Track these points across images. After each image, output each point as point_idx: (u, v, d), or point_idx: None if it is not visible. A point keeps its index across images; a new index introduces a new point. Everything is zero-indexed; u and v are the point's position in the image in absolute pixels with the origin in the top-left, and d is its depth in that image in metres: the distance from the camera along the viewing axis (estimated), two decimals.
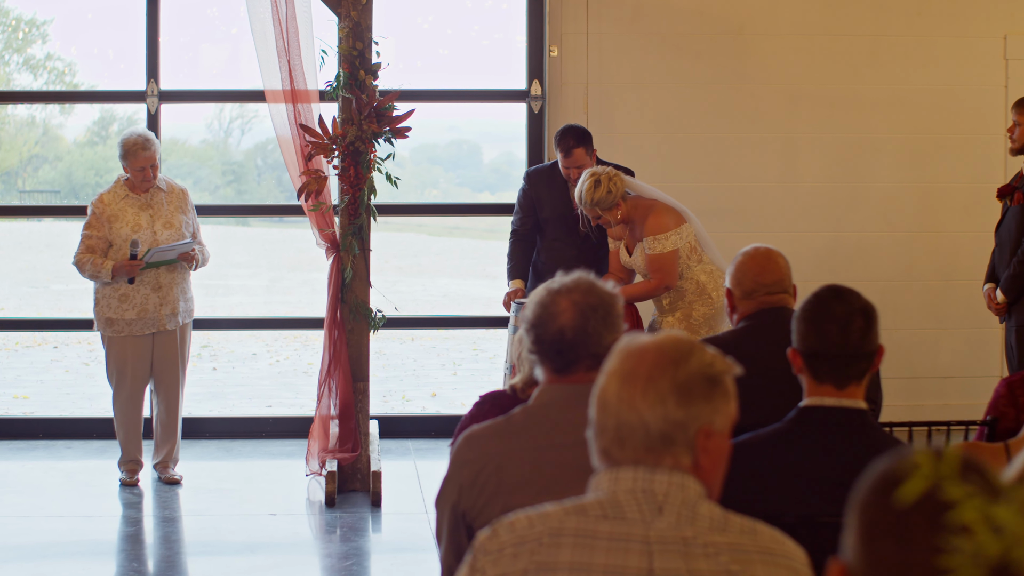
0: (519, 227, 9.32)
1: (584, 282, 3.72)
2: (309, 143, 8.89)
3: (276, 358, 16.67)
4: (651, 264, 8.33)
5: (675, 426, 2.69)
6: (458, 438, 4.67)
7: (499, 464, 3.65)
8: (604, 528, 2.67)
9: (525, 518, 2.75)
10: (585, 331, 3.66)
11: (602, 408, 2.74)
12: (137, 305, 8.79)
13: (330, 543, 7.70)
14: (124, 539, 7.82)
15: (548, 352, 3.69)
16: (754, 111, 10.40)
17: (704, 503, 2.72)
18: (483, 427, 3.75)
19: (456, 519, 3.73)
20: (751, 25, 10.36)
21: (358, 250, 8.93)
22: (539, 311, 3.70)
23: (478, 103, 11.35)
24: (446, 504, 3.75)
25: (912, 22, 10.41)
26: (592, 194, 8.32)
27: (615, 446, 2.72)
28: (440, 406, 13.39)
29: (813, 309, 3.87)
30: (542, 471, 3.63)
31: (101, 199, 8.86)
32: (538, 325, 3.68)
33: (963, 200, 10.47)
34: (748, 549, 2.67)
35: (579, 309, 3.67)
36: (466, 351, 17.59)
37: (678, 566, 2.64)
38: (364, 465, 8.83)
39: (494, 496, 3.64)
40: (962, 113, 10.46)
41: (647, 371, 2.71)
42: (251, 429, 10.37)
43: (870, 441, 3.81)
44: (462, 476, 3.70)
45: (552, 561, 2.66)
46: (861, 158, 10.47)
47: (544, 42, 10.32)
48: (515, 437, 3.67)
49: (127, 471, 8.95)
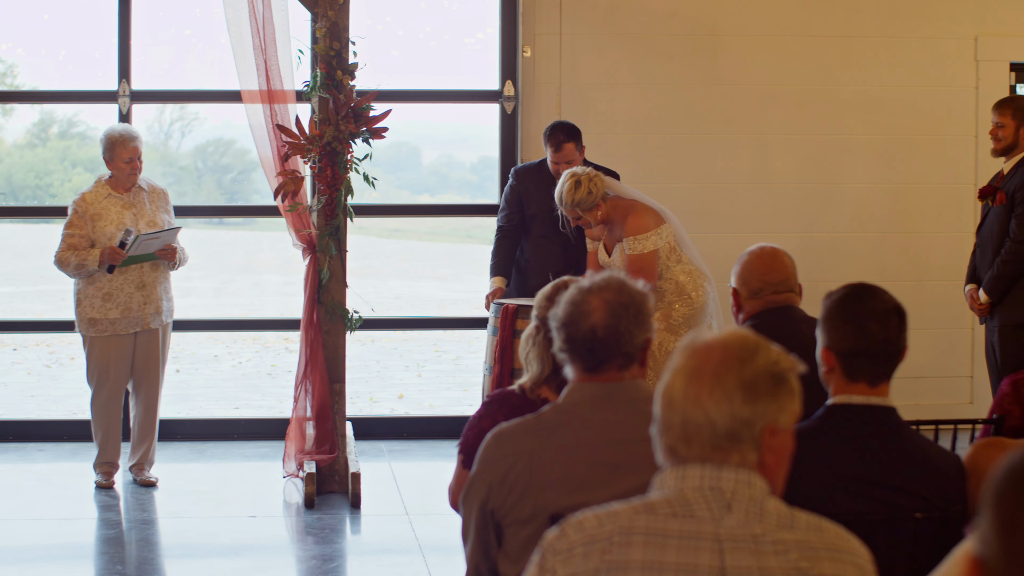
0: (505, 223, 9.34)
1: (615, 281, 3.71)
2: (286, 143, 8.84)
3: (238, 360, 16.58)
4: (631, 264, 8.33)
5: (741, 423, 2.68)
6: (467, 436, 4.66)
7: (530, 462, 3.63)
8: (674, 526, 2.66)
9: (594, 517, 2.72)
10: (617, 330, 3.64)
11: (668, 405, 2.72)
12: (121, 304, 8.72)
13: (313, 545, 7.65)
14: (105, 542, 7.74)
15: (580, 351, 3.67)
16: (726, 112, 10.41)
17: (771, 500, 2.71)
18: (512, 425, 3.73)
19: (484, 517, 3.70)
20: (723, 26, 10.37)
21: (335, 251, 8.88)
22: (571, 310, 3.68)
23: (450, 103, 11.32)
24: (474, 502, 3.73)
25: (883, 24, 10.44)
26: (573, 195, 8.33)
27: (681, 443, 2.71)
28: (408, 407, 13.34)
29: (851, 307, 3.85)
30: (573, 469, 3.61)
31: (83, 198, 8.78)
32: (569, 324, 3.66)
33: (934, 200, 10.52)
34: (816, 546, 2.67)
35: (611, 308, 3.65)
36: (428, 352, 17.55)
37: (749, 564, 2.63)
38: (342, 467, 8.78)
39: (525, 494, 3.62)
40: (933, 114, 10.50)
41: (713, 368, 2.70)
42: (223, 431, 10.31)
43: (901, 439, 3.80)
44: (492, 474, 3.67)
45: (624, 560, 2.64)
46: (833, 159, 10.50)
47: (517, 43, 10.30)
48: (546, 435, 3.66)
49: (103, 473, 8.87)
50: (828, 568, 2.65)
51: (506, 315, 8.48)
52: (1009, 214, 8.39)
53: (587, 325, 3.65)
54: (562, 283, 4.68)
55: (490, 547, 3.72)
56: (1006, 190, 8.43)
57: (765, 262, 5.02)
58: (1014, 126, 8.44)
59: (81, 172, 29.28)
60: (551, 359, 4.61)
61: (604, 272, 3.79)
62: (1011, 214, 8.39)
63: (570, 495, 3.59)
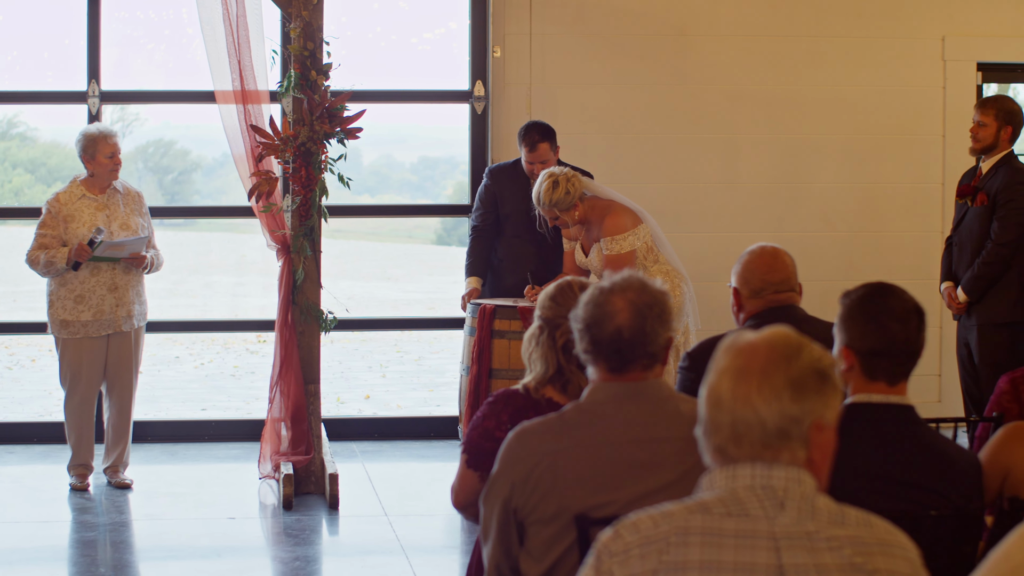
0: (480, 223, 9.33)
1: (636, 280, 3.71)
2: (260, 144, 8.81)
3: (199, 361, 16.52)
4: (608, 264, 8.36)
5: (791, 421, 2.69)
6: (471, 435, 4.65)
7: (553, 461, 3.63)
8: (730, 525, 2.67)
9: (648, 518, 2.73)
10: (643, 330, 3.65)
11: (715, 406, 2.73)
12: (93, 306, 8.67)
13: (294, 546, 7.62)
14: (85, 544, 7.69)
15: (605, 352, 3.67)
16: (696, 112, 10.44)
17: (820, 497, 2.73)
18: (534, 424, 3.73)
19: (507, 516, 3.70)
20: (693, 26, 10.40)
21: (310, 251, 8.86)
22: (594, 311, 3.68)
23: (421, 103, 11.32)
24: (496, 501, 3.73)
25: (851, 24, 10.50)
26: (551, 195, 8.34)
27: (731, 443, 2.72)
28: (376, 408, 13.31)
29: (871, 307, 3.87)
30: (598, 468, 3.62)
31: (57, 198, 8.74)
32: (594, 325, 3.66)
33: (903, 200, 10.58)
34: (868, 541, 2.69)
35: (636, 308, 3.66)
36: (389, 353, 17.52)
37: (805, 561, 2.64)
38: (318, 468, 8.76)
39: (548, 493, 3.62)
40: (901, 114, 10.56)
41: (761, 367, 2.71)
42: (193, 433, 10.27)
43: (919, 437, 3.83)
44: (515, 473, 3.67)
45: (682, 561, 2.65)
46: (801, 158, 10.54)
47: (487, 43, 10.30)
48: (570, 434, 3.66)
49: (77, 475, 8.82)
50: (881, 563, 2.67)
51: (483, 316, 8.48)
52: (990, 215, 8.44)
53: (612, 326, 3.65)
54: (567, 284, 4.69)
55: (511, 546, 3.72)
56: (987, 191, 8.48)
57: (766, 261, 5.04)
58: (996, 127, 8.50)
59: (22, 173, 29.03)
60: (555, 359, 4.61)
61: (623, 272, 3.79)
62: (992, 215, 8.43)
63: (595, 494, 3.60)
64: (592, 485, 3.60)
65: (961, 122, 10.50)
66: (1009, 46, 10.57)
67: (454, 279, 25.23)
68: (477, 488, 4.69)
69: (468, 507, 4.77)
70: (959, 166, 10.47)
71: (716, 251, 10.16)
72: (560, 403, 4.60)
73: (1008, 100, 8.69)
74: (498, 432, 4.60)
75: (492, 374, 8.43)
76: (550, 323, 4.64)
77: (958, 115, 10.52)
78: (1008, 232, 8.37)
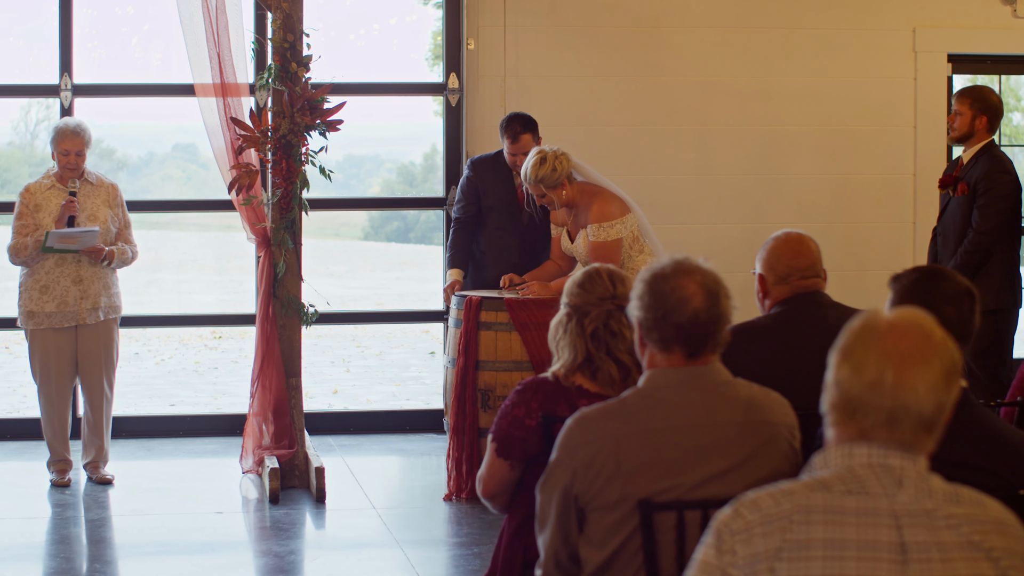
0: (462, 215, 9.27)
1: (692, 263, 3.70)
2: (240, 136, 8.76)
3: (160, 357, 16.43)
4: (595, 251, 8.36)
5: (940, 410, 2.71)
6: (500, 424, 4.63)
7: (616, 446, 3.61)
8: (851, 503, 2.67)
9: (768, 496, 2.72)
10: (718, 312, 3.65)
11: (874, 389, 2.70)
12: (57, 297, 8.61)
13: (288, 540, 7.58)
14: (69, 540, 7.62)
15: (682, 336, 3.65)
16: (670, 103, 10.46)
17: (934, 476, 2.73)
18: (594, 410, 3.71)
19: (567, 503, 3.68)
20: (666, 18, 10.41)
21: (291, 244, 8.81)
22: (668, 296, 3.65)
23: (397, 96, 11.28)
24: (555, 488, 3.71)
25: (823, 15, 10.54)
26: (537, 170, 8.35)
27: (883, 428, 2.71)
28: (346, 402, 13.25)
29: (925, 290, 3.88)
30: (662, 454, 3.60)
31: (28, 189, 8.74)
32: (672, 311, 3.64)
33: (876, 191, 10.63)
34: (983, 520, 2.70)
35: (709, 291, 3.66)
36: (349, 348, 17.48)
37: (926, 538, 2.65)
38: (301, 461, 8.71)
39: (611, 479, 3.61)
40: (873, 105, 10.61)
41: (923, 355, 2.71)
42: (167, 428, 10.20)
43: (973, 418, 3.83)
44: (576, 459, 3.65)
45: (806, 539, 2.64)
46: (775, 150, 10.57)
47: (461, 35, 10.28)
48: (631, 419, 3.64)
49: (57, 471, 8.74)
50: (997, 541, 2.68)
51: (470, 307, 8.45)
52: (971, 204, 8.50)
53: (690, 310, 3.63)
54: (594, 271, 4.68)
55: (571, 533, 3.70)
56: (967, 180, 8.53)
57: (792, 247, 5.04)
58: (970, 115, 8.56)
59: None
60: (584, 346, 4.60)
61: (672, 254, 3.78)
62: (973, 204, 8.49)
63: (659, 479, 3.59)
64: (656, 470, 3.59)
65: (932, 113, 10.58)
66: (979, 37, 10.64)
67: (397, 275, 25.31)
68: (507, 477, 4.68)
69: (497, 496, 4.76)
70: (931, 157, 10.56)
71: (690, 242, 10.17)
72: (590, 390, 4.60)
73: (985, 90, 8.75)
74: (528, 420, 4.60)
75: (479, 366, 8.41)
76: (578, 310, 4.63)
77: (929, 106, 10.60)
78: (988, 220, 8.43)
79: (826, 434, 2.79)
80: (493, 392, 8.38)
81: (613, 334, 4.57)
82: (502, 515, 4.91)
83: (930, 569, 2.63)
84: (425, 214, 30.00)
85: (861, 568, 2.62)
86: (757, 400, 3.74)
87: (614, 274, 4.68)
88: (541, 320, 8.36)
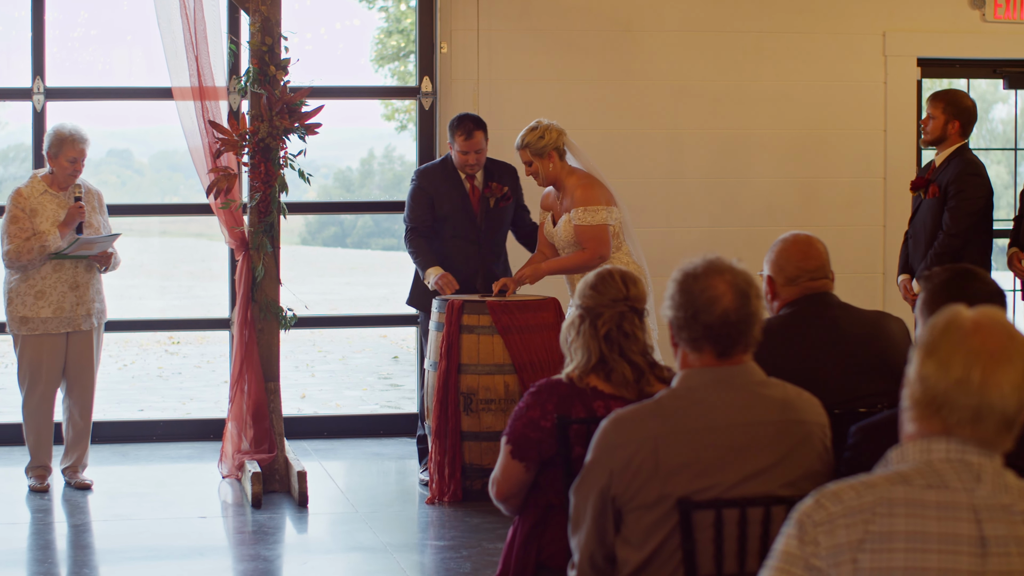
0: (418, 224, 8.99)
1: (723, 262, 3.73)
2: (218, 139, 8.73)
3: (121, 363, 16.35)
4: (582, 235, 8.40)
5: (1021, 410, 2.75)
6: (515, 426, 4.64)
7: (654, 447, 3.63)
8: (931, 497, 2.70)
9: (849, 488, 2.75)
10: (748, 311, 3.68)
11: (961, 386, 2.73)
12: (54, 303, 8.56)
13: (275, 544, 7.56)
14: (51, 546, 7.58)
15: (713, 336, 3.68)
16: (641, 107, 10.49)
17: (1008, 472, 2.77)
18: (631, 411, 3.73)
19: (604, 503, 3.70)
20: (638, 22, 10.45)
21: (270, 248, 8.79)
22: (697, 296, 3.67)
23: (372, 99, 11.27)
24: (591, 489, 3.72)
25: (794, 19, 10.60)
26: (526, 135, 8.51)
27: (967, 425, 2.74)
28: (315, 407, 13.21)
29: (958, 290, 3.91)
30: (700, 453, 3.62)
31: (20, 193, 8.63)
32: (702, 310, 3.66)
33: (844, 194, 10.70)
34: None
35: (739, 291, 3.68)
36: (311, 352, 17.43)
37: (1005, 533, 2.69)
38: (281, 466, 8.69)
39: (650, 480, 3.62)
40: (843, 109, 10.69)
41: (1007, 354, 2.74)
42: (141, 433, 10.17)
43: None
44: (613, 460, 3.67)
45: (888, 532, 2.68)
46: (745, 153, 10.63)
47: (435, 39, 10.28)
48: (669, 420, 3.66)
49: (36, 477, 8.69)
50: None
51: (452, 311, 8.45)
52: (942, 207, 8.56)
53: (719, 309, 3.66)
54: (607, 272, 4.71)
55: (607, 534, 3.72)
56: (939, 183, 8.59)
57: (801, 249, 5.07)
58: (943, 119, 8.61)
59: None
60: (597, 347, 4.63)
61: (703, 254, 3.80)
62: (944, 207, 8.55)
63: (697, 478, 3.61)
64: (695, 470, 3.61)
65: (902, 117, 10.67)
66: (948, 41, 10.72)
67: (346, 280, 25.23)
68: (523, 479, 4.69)
69: (511, 498, 4.77)
70: (901, 160, 10.64)
71: (661, 245, 10.20)
72: (604, 392, 4.62)
73: (959, 94, 8.81)
74: (543, 422, 4.61)
75: (461, 369, 8.41)
76: (591, 312, 4.65)
77: (899, 110, 10.68)
78: (959, 223, 8.49)
79: (905, 428, 2.82)
80: (475, 395, 8.39)
81: (626, 335, 4.60)
82: (512, 517, 4.92)
83: (1008, 562, 2.67)
84: (363, 219, 29.97)
85: (943, 561, 2.66)
86: (791, 400, 3.77)
87: (627, 276, 4.70)
88: (523, 323, 8.38)
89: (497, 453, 8.32)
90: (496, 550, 7.28)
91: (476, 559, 7.17)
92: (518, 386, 8.36)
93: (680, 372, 3.75)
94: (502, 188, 9.00)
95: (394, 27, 17.20)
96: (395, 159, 29.19)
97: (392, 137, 25.23)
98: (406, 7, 15.02)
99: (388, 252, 27.80)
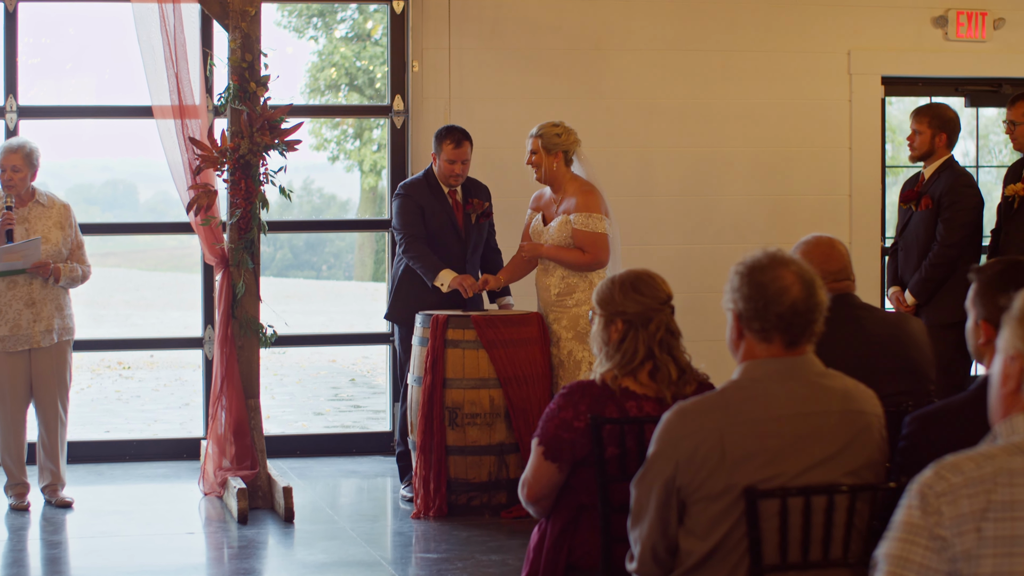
0: (416, 230, 8.99)
1: (789, 255, 3.80)
2: (198, 156, 8.73)
3: (78, 387, 16.21)
4: (583, 239, 8.49)
5: None
6: (547, 427, 4.68)
7: (720, 438, 3.68)
8: None
9: (968, 459, 2.80)
10: (815, 302, 3.75)
11: None
12: (10, 321, 8.53)
13: (265, 559, 7.56)
14: (52, 561, 7.53)
15: (781, 326, 3.74)
16: (610, 125, 10.57)
17: None
18: (695, 403, 3.78)
19: (668, 495, 3.74)
20: (607, 41, 10.54)
21: (251, 264, 8.79)
22: (767, 287, 3.73)
23: (348, 117, 11.29)
24: (655, 481, 3.76)
25: (761, 38, 10.72)
26: (547, 126, 8.70)
27: None
28: (282, 427, 13.17)
29: (1009, 281, 3.97)
30: (766, 443, 3.68)
31: None
32: (772, 301, 3.73)
33: (811, 211, 10.81)
34: None
35: (805, 281, 3.75)
36: (267, 376, 17.36)
37: None
38: (264, 482, 8.67)
39: (716, 470, 3.67)
40: (809, 127, 10.81)
41: None
42: (114, 452, 10.14)
43: None
44: (679, 451, 3.71)
45: (1010, 500, 2.73)
46: (713, 171, 10.72)
47: (406, 58, 10.32)
48: (733, 411, 3.72)
49: (15, 495, 8.65)
50: None
51: (436, 326, 8.48)
52: (935, 218, 8.67)
53: (789, 299, 3.73)
54: (645, 274, 4.78)
55: (669, 525, 3.76)
56: (931, 195, 8.70)
57: (823, 251, 5.15)
58: (930, 134, 8.73)
59: None
60: (647, 350, 4.72)
61: (762, 247, 3.86)
62: (937, 218, 8.67)
63: (763, 468, 3.66)
64: (760, 459, 3.67)
65: (867, 134, 10.80)
66: (911, 60, 10.87)
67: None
68: (555, 480, 4.73)
69: (542, 500, 4.80)
70: (865, 178, 10.78)
71: (634, 263, 10.14)
72: (636, 392, 4.68)
73: (942, 107, 8.93)
74: (576, 422, 4.65)
75: (446, 384, 8.44)
76: (641, 317, 4.71)
77: (864, 128, 10.82)
78: (954, 234, 8.61)
79: (1004, 404, 2.89)
80: (461, 410, 8.42)
81: (673, 334, 4.70)
82: (538, 519, 4.95)
83: None
84: (282, 251, 29.78)
85: None
86: (851, 391, 3.85)
87: (657, 275, 4.78)
88: (508, 338, 8.42)
89: (483, 467, 8.43)
90: (491, 562, 7.31)
91: (473, 570, 7.19)
92: (503, 400, 8.40)
93: (741, 364, 3.81)
94: (483, 204, 9.09)
95: (326, 61, 17.14)
96: (313, 191, 29.16)
97: (311, 170, 24.92)
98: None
99: (308, 281, 27.34)
